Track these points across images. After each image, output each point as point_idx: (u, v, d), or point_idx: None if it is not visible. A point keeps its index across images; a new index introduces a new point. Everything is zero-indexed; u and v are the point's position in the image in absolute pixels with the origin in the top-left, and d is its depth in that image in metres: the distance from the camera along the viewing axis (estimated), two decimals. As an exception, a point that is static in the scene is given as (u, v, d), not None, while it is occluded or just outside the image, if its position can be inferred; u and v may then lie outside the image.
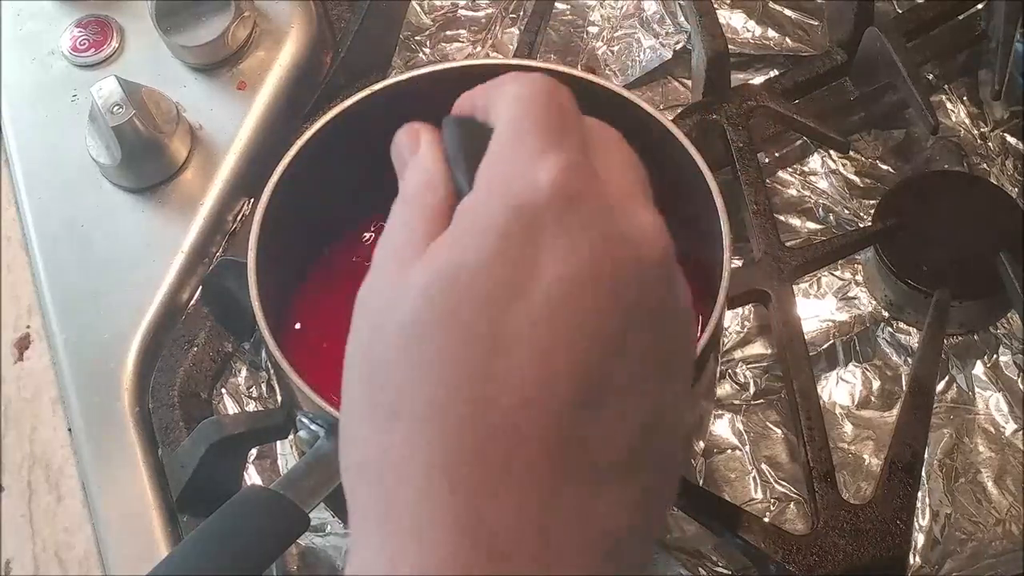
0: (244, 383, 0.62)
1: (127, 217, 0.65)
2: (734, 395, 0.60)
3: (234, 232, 0.66)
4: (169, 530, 0.57)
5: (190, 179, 0.66)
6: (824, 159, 0.68)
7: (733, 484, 0.58)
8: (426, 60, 0.73)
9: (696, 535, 0.56)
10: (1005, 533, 0.56)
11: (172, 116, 0.66)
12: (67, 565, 0.58)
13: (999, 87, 0.65)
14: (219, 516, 0.44)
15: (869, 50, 0.66)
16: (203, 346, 0.62)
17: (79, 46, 0.71)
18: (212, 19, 0.68)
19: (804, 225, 0.66)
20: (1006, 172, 0.67)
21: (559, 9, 0.73)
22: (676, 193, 0.48)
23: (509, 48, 0.73)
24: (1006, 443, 0.58)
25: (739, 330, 0.62)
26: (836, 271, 0.64)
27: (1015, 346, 0.61)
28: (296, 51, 0.70)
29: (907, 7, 0.71)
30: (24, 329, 0.65)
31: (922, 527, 0.56)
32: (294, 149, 0.48)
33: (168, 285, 0.63)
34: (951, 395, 0.60)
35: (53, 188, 0.67)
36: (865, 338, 0.62)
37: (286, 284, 0.52)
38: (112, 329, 0.62)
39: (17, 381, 0.64)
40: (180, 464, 0.56)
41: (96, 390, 0.61)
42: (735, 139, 0.63)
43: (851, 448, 0.59)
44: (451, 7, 0.75)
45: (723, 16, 0.70)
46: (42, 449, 0.62)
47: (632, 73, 0.71)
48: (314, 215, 0.51)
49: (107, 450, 0.59)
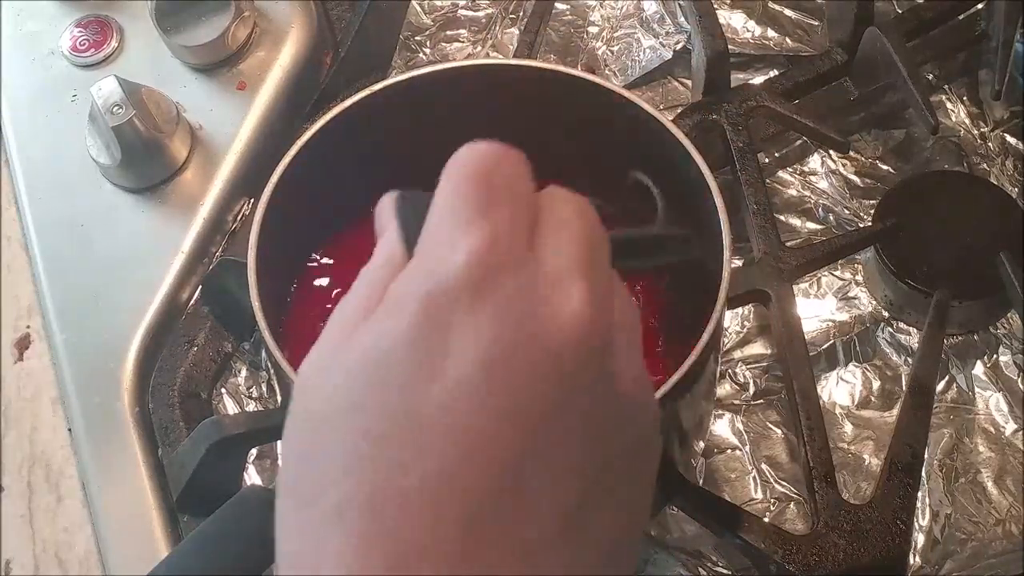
0: (244, 383, 0.62)
1: (127, 217, 0.65)
2: (734, 395, 0.60)
3: (234, 232, 0.66)
4: (169, 530, 0.57)
5: (190, 179, 0.66)
6: (824, 159, 0.68)
7: (733, 484, 0.58)
8: (426, 60, 0.73)
9: (696, 535, 0.56)
10: (1005, 533, 0.56)
11: (172, 116, 0.66)
12: (67, 565, 0.58)
13: (999, 87, 0.65)
14: (219, 516, 0.44)
15: (869, 50, 0.66)
16: (203, 346, 0.62)
17: (79, 46, 0.71)
18: (212, 19, 0.68)
19: (804, 225, 0.66)
20: (1006, 172, 0.67)
21: (559, 9, 0.73)
22: (676, 193, 0.48)
23: (509, 48, 0.73)
24: (1006, 443, 0.58)
25: (739, 330, 0.62)
26: (836, 271, 0.64)
27: (1015, 346, 0.61)
28: (296, 51, 0.70)
29: (907, 7, 0.71)
30: (24, 329, 0.65)
31: (922, 527, 0.56)
32: (294, 149, 0.48)
33: (168, 285, 0.63)
34: (951, 395, 0.60)
35: (53, 188, 0.67)
36: (865, 338, 0.62)
37: (286, 284, 0.52)
38: (112, 329, 0.62)
39: (17, 381, 0.64)
40: (180, 464, 0.56)
41: (96, 390, 0.61)
42: (735, 139, 0.63)
43: (851, 448, 0.59)
44: (451, 7, 0.75)
45: (723, 16, 0.70)
46: (42, 449, 0.62)
47: (632, 73, 0.71)
48: (314, 215, 0.51)
49: (107, 450, 0.59)
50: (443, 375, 0.28)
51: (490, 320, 0.28)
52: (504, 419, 0.28)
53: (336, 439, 0.28)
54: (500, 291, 0.28)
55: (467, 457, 0.27)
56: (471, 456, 0.27)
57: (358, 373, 0.28)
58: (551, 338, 0.28)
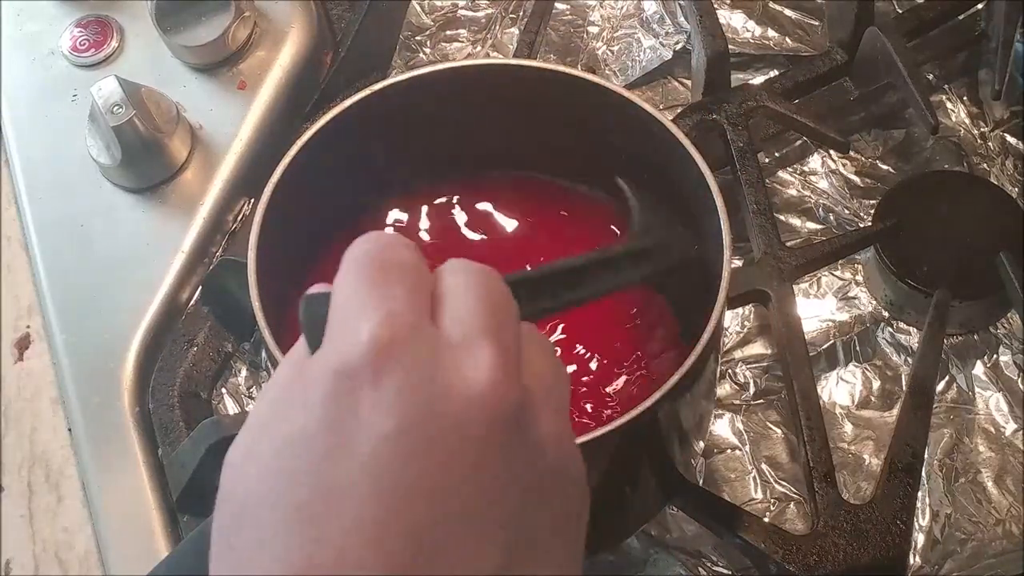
0: (244, 383, 0.62)
1: (127, 217, 0.65)
2: (734, 395, 0.60)
3: (234, 232, 0.66)
4: (169, 530, 0.57)
5: (190, 179, 0.66)
6: (824, 159, 0.68)
7: (733, 484, 0.58)
8: (426, 60, 0.73)
9: (696, 535, 0.56)
10: (1005, 533, 0.56)
11: (172, 116, 0.66)
12: (67, 565, 0.58)
13: (999, 87, 0.65)
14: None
15: (869, 50, 0.66)
16: (203, 346, 0.62)
17: (79, 46, 0.71)
18: (212, 19, 0.68)
19: (804, 225, 0.66)
20: (1006, 172, 0.67)
21: (559, 9, 0.73)
22: (676, 193, 0.48)
23: (509, 48, 0.73)
24: (1006, 443, 0.58)
25: (739, 330, 0.62)
26: (836, 271, 0.64)
27: (1015, 346, 0.61)
28: (296, 51, 0.70)
29: (907, 7, 0.71)
30: (24, 329, 0.65)
31: (922, 527, 0.56)
32: (294, 149, 0.48)
33: (168, 285, 0.63)
34: (951, 395, 0.60)
35: (53, 188, 0.67)
36: (865, 338, 0.62)
37: (286, 284, 0.52)
38: (112, 329, 0.62)
39: (17, 381, 0.64)
40: (180, 464, 0.56)
41: (96, 390, 0.61)
42: (735, 139, 0.63)
43: (851, 448, 0.59)
44: (451, 7, 0.75)
45: (723, 16, 0.70)
46: (42, 449, 0.62)
47: (632, 73, 0.71)
48: (314, 215, 0.51)
49: (107, 450, 0.59)
50: (355, 450, 0.28)
51: (394, 393, 0.29)
52: (414, 488, 0.28)
53: (258, 518, 0.29)
54: (401, 364, 0.29)
55: (382, 526, 0.28)
56: (386, 525, 0.28)
57: (277, 455, 0.29)
58: (454, 404, 0.29)
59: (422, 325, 0.30)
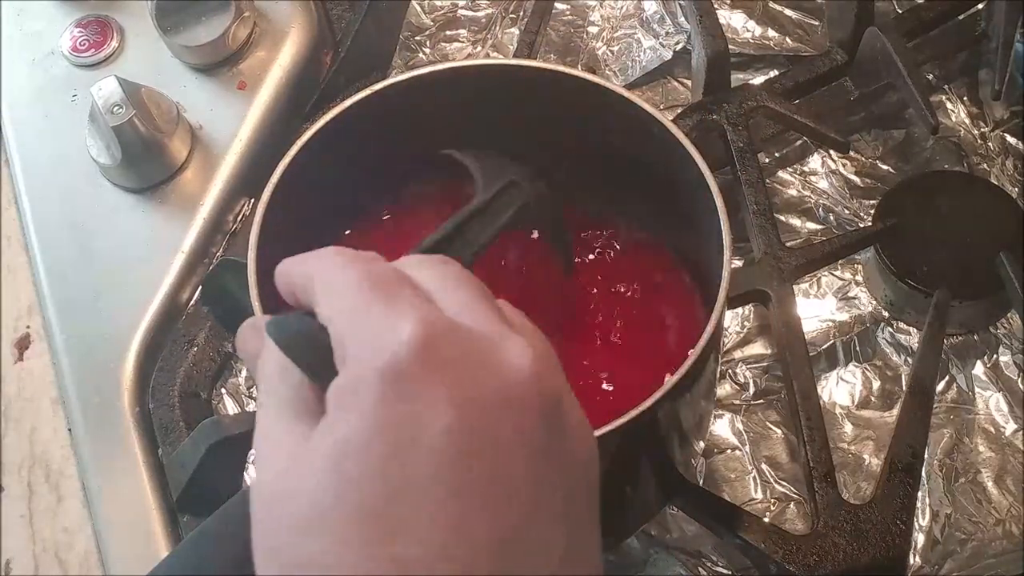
0: (244, 383, 0.62)
1: (127, 217, 0.65)
2: (734, 395, 0.60)
3: (234, 232, 0.66)
4: (169, 530, 0.57)
5: (190, 179, 0.66)
6: (824, 159, 0.68)
7: (733, 484, 0.58)
8: (426, 60, 0.73)
9: (696, 535, 0.56)
10: (1005, 533, 0.56)
11: (172, 116, 0.66)
12: (67, 565, 0.58)
13: (999, 87, 0.65)
14: (219, 516, 0.44)
15: (869, 50, 0.66)
16: (203, 346, 0.62)
17: (79, 46, 0.71)
18: (212, 19, 0.68)
19: (804, 225, 0.66)
20: (1006, 172, 0.67)
21: (559, 9, 0.73)
22: (676, 193, 0.48)
23: (509, 48, 0.73)
24: (1006, 443, 0.58)
25: (739, 330, 0.62)
26: (836, 271, 0.64)
27: (1015, 346, 0.61)
28: (296, 51, 0.70)
29: (907, 7, 0.71)
30: (24, 329, 0.65)
31: (922, 527, 0.56)
32: (294, 149, 0.48)
33: (168, 285, 0.63)
34: (951, 395, 0.60)
35: (53, 188, 0.67)
36: (865, 338, 0.62)
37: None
38: (112, 329, 0.62)
39: (17, 381, 0.64)
40: (180, 464, 0.56)
41: (96, 390, 0.61)
42: (735, 139, 0.63)
43: (851, 448, 0.59)
44: (451, 7, 0.75)
45: (723, 16, 0.70)
46: (42, 449, 0.62)
47: (632, 73, 0.71)
48: (314, 215, 0.51)
49: (107, 450, 0.59)
50: (420, 447, 0.28)
51: (451, 384, 0.29)
52: (485, 479, 0.28)
53: (327, 526, 0.28)
54: (449, 358, 0.29)
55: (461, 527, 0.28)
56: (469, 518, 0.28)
57: (332, 470, 0.29)
58: (511, 389, 0.29)
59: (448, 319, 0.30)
